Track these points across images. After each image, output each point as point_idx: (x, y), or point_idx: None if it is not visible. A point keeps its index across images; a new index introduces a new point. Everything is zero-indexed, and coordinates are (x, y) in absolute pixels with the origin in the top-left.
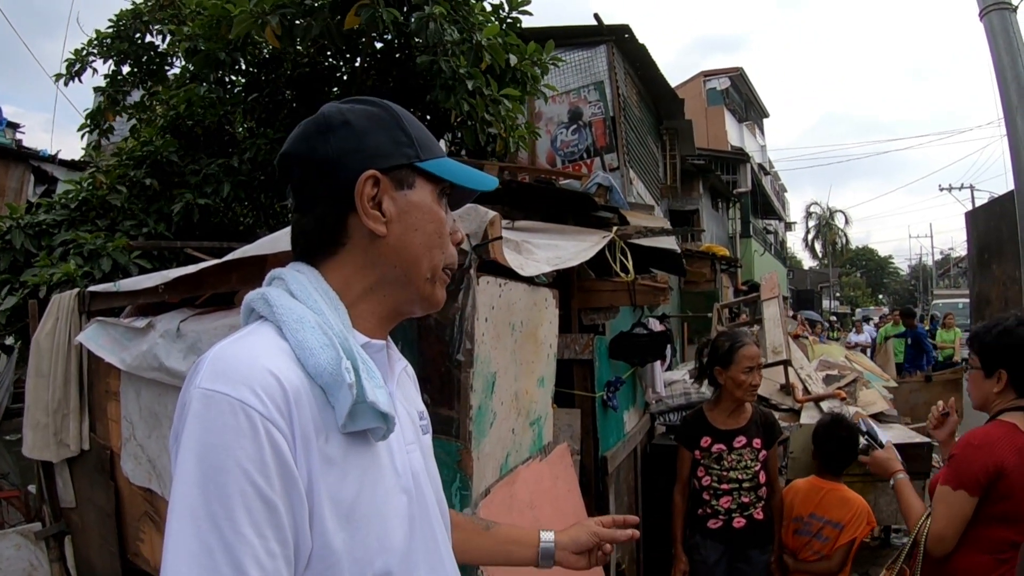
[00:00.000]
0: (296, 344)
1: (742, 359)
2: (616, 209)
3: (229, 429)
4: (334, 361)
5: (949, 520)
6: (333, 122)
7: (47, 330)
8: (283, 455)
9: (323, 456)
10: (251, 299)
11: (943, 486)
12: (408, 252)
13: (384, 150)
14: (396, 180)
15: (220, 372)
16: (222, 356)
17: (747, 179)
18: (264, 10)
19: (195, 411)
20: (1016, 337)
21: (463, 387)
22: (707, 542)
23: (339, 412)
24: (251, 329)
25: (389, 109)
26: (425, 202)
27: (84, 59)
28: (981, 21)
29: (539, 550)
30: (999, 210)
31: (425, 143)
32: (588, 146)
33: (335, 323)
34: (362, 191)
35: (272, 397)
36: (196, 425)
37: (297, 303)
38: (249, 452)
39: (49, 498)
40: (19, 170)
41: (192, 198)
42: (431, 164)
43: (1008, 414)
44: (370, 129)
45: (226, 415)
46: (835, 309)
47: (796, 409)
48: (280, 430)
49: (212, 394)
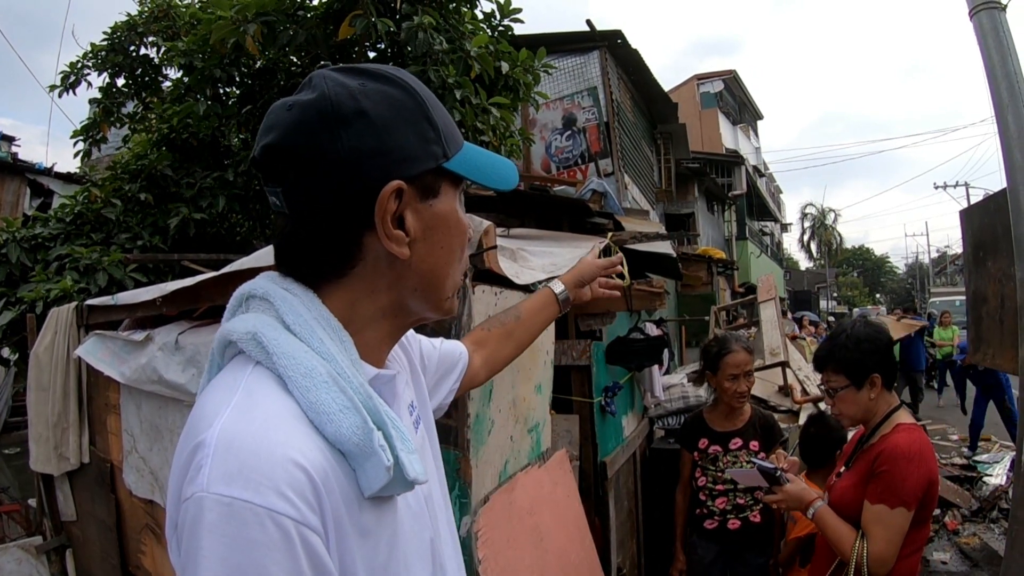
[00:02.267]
0: (309, 407)
1: (727, 366)
2: (611, 215)
3: (259, 545)
4: (360, 431)
5: (889, 541)
6: (344, 110)
7: (46, 344)
8: (320, 559)
9: (357, 530)
10: (236, 336)
11: (877, 505)
12: (433, 274)
13: (411, 151)
14: (421, 189)
15: (235, 472)
16: (231, 445)
17: (742, 181)
18: (245, 17)
19: (211, 523)
20: (872, 340)
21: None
22: (703, 542)
23: (366, 484)
24: (249, 385)
25: (411, 91)
26: (452, 213)
27: (79, 71)
28: (971, 20)
29: (559, 301)
30: (993, 207)
31: (450, 133)
32: (583, 152)
33: (349, 371)
34: (385, 207)
35: (302, 494)
36: (216, 542)
37: (298, 344)
38: (284, 565)
39: (50, 511)
40: (15, 183)
41: (188, 212)
42: (458, 162)
43: (901, 415)
44: (392, 123)
45: (252, 527)
46: (832, 309)
47: (795, 410)
48: (315, 530)
49: (231, 502)
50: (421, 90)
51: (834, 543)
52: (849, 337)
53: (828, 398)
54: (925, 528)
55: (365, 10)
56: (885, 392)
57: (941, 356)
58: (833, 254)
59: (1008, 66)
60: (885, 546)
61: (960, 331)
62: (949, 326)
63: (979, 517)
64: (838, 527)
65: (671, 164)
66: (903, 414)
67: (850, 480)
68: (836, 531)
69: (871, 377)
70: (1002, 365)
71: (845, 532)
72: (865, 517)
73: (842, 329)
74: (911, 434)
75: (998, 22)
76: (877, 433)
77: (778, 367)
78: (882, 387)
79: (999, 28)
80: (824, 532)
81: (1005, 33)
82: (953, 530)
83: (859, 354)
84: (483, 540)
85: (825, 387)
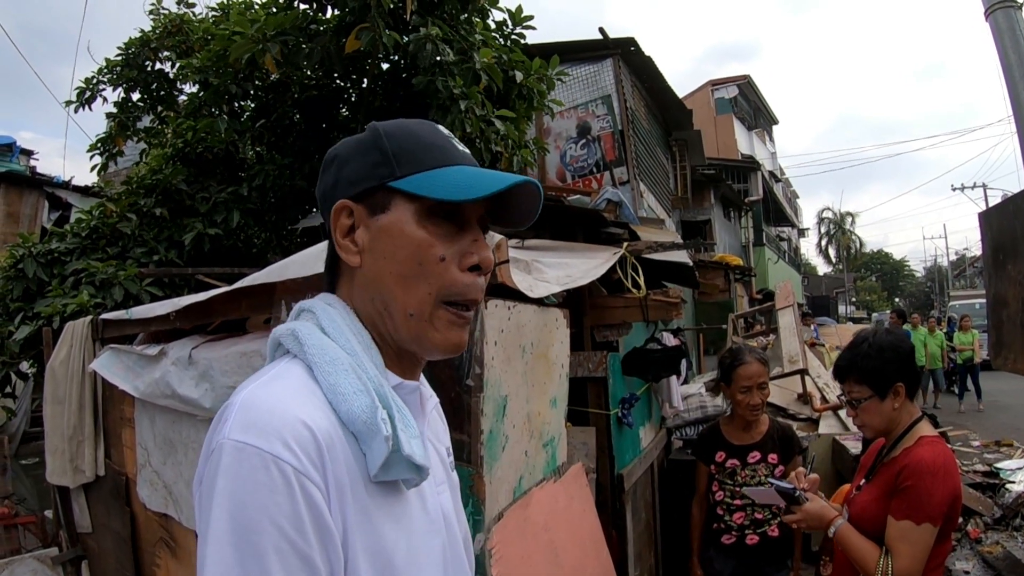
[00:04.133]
0: (328, 388)
1: (739, 379)
2: (626, 224)
3: (262, 485)
4: (368, 409)
5: (915, 557)
6: (328, 159)
7: (61, 358)
8: (318, 509)
9: (358, 506)
10: (279, 334)
11: (903, 521)
12: (381, 284)
13: (356, 176)
14: (370, 206)
15: (250, 422)
16: (251, 404)
17: (758, 187)
18: (264, 36)
19: (225, 465)
20: (895, 349)
21: (473, 412)
22: (720, 557)
23: (372, 462)
24: (280, 369)
25: (374, 130)
26: (397, 225)
27: (94, 87)
28: (987, 20)
29: None
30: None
31: (408, 157)
32: (597, 160)
33: (369, 366)
34: (336, 223)
35: (305, 449)
36: (227, 480)
37: (329, 342)
38: (284, 508)
39: (66, 523)
40: (33, 196)
41: (203, 228)
42: (407, 181)
43: (923, 427)
44: (349, 158)
45: (258, 470)
46: (851, 314)
47: (814, 419)
48: (315, 483)
49: (243, 447)
50: (388, 128)
51: (858, 562)
52: (871, 346)
53: (850, 409)
54: (947, 542)
55: (372, 23)
56: (908, 402)
57: (962, 360)
58: (851, 258)
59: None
60: (911, 563)
61: (980, 335)
62: (969, 330)
63: (1002, 525)
64: (861, 545)
65: (687, 171)
66: (925, 426)
67: (872, 494)
68: (859, 550)
69: (895, 386)
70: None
71: (869, 550)
72: (890, 533)
73: (863, 338)
74: (935, 447)
75: (1014, 21)
76: (899, 446)
77: (797, 375)
78: (905, 397)
79: (1016, 27)
80: (847, 551)
81: (1021, 32)
82: (975, 538)
83: (882, 363)
84: (497, 558)
85: (847, 398)
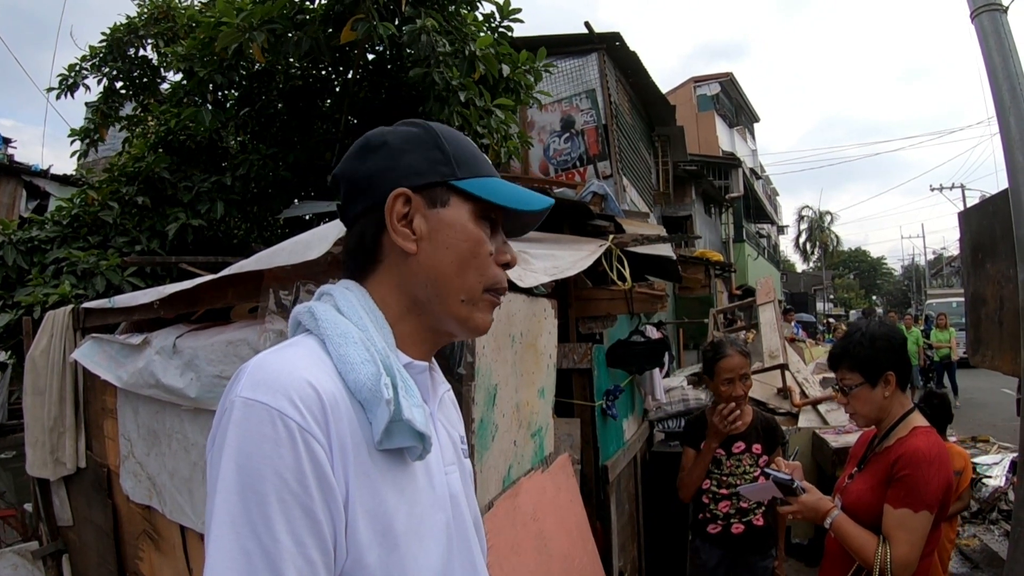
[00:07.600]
0: (338, 358)
1: (721, 371)
2: (612, 217)
3: (267, 439)
4: (373, 376)
5: (913, 544)
6: (373, 143)
7: (42, 347)
8: (321, 465)
9: (360, 470)
10: (298, 312)
11: (900, 509)
12: (439, 271)
13: (417, 168)
14: (429, 198)
15: (260, 381)
16: (263, 365)
17: (739, 184)
18: (251, 24)
19: (235, 419)
20: (887, 339)
21: (465, 400)
22: (706, 546)
23: (376, 428)
24: (295, 340)
25: (428, 129)
26: (459, 221)
27: (77, 75)
28: (972, 23)
29: None
30: (992, 209)
31: (465, 161)
32: (581, 154)
33: (378, 341)
34: (392, 208)
35: (310, 408)
36: (235, 433)
37: (343, 319)
38: (287, 462)
39: (46, 517)
40: (11, 185)
41: (186, 218)
42: (469, 183)
43: (916, 418)
44: (406, 148)
45: (264, 424)
46: (829, 312)
47: (794, 413)
48: (318, 440)
49: (251, 403)
50: (441, 130)
51: (855, 551)
52: (864, 335)
53: (842, 396)
54: (939, 529)
55: (367, 14)
56: (899, 392)
57: (939, 358)
58: (829, 256)
59: (1010, 68)
60: (909, 550)
61: (957, 333)
62: (946, 328)
63: (979, 519)
64: (859, 535)
65: (669, 166)
66: (918, 417)
67: (865, 483)
68: (857, 539)
69: (885, 375)
70: (1001, 367)
71: (867, 539)
72: (888, 522)
73: (857, 328)
74: (929, 437)
75: (999, 24)
76: (892, 435)
77: (777, 369)
78: (896, 386)
79: (1000, 30)
80: (844, 541)
81: (1006, 35)
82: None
83: (874, 352)
84: (487, 547)
85: (839, 385)
